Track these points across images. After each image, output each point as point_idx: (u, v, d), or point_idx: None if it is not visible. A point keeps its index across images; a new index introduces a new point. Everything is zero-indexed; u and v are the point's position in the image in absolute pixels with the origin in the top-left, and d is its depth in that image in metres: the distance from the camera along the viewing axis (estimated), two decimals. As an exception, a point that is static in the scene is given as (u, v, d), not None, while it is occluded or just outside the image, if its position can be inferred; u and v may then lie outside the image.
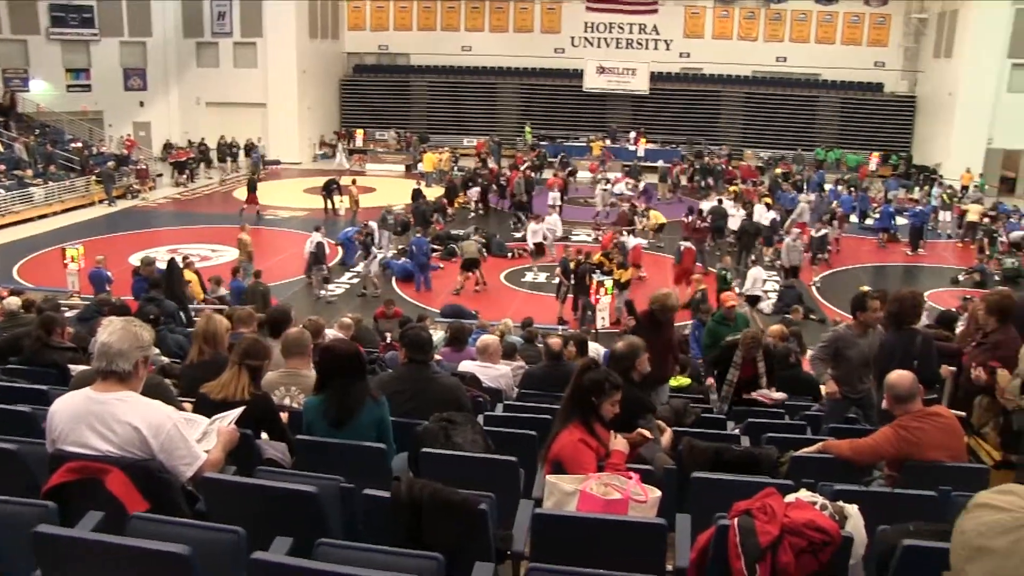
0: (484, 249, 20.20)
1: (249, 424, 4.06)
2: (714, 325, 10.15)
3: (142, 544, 2.70)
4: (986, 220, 23.38)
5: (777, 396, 7.32)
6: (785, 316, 14.70)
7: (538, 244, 19.96)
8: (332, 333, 8.41)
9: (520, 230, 22.76)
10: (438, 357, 7.79)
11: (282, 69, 34.24)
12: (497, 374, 7.33)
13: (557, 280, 17.45)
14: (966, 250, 23.12)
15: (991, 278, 19.31)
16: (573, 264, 16.48)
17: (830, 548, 3.02)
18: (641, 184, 27.75)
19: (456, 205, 26.31)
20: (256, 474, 3.75)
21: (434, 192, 26.85)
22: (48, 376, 6.03)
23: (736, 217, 21.68)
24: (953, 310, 11.86)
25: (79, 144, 29.56)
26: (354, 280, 19.20)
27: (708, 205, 22.72)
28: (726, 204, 22.73)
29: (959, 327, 8.68)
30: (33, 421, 4.34)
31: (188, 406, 4.41)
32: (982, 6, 29.60)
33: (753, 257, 20.17)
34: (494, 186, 27.00)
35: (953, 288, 19.00)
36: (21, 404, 4.63)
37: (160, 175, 31.32)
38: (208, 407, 4.14)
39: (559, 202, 24.29)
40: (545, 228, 20.35)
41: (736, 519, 3.06)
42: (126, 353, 3.21)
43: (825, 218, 22.52)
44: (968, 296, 14.99)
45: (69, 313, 10.41)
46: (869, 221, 25.38)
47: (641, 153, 34.16)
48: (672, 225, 22.57)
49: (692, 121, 36.41)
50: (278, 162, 34.27)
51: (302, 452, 4.31)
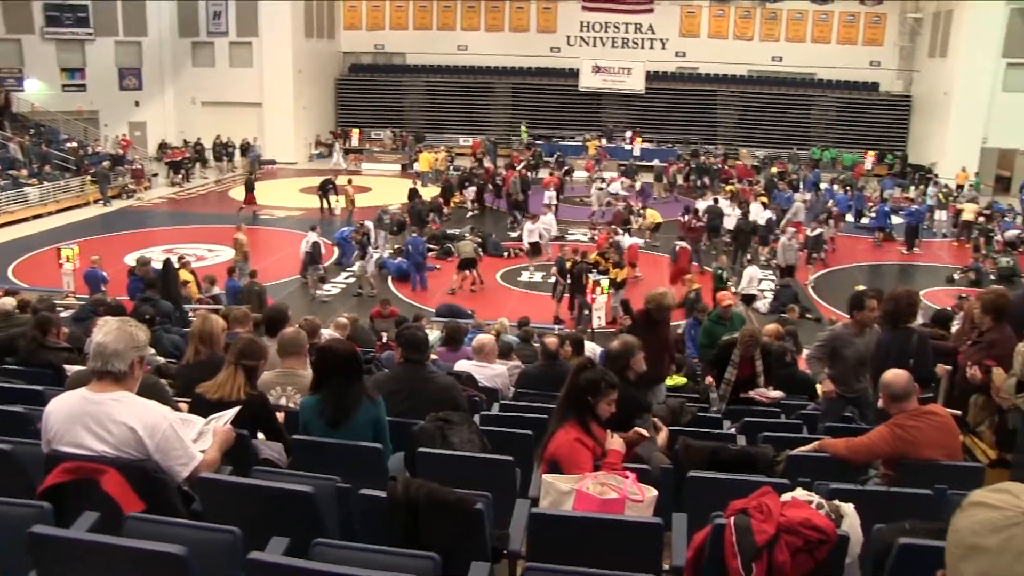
0: (480, 249, 20.19)
1: (245, 424, 4.06)
2: (710, 324, 10.19)
3: (138, 544, 2.70)
4: (981, 219, 23.43)
5: (774, 395, 7.31)
6: (781, 315, 14.74)
7: (534, 243, 19.95)
8: (328, 333, 8.41)
9: (516, 229, 22.76)
10: (434, 357, 7.80)
11: (278, 69, 34.20)
12: (493, 373, 7.32)
13: (553, 279, 17.46)
14: (961, 249, 23.16)
15: (986, 277, 19.34)
16: (569, 264, 16.48)
17: (826, 547, 3.03)
18: (637, 184, 27.78)
19: (452, 205, 26.28)
20: (252, 474, 3.74)
21: (430, 191, 26.82)
22: (43, 376, 6.01)
23: (732, 216, 21.71)
24: (949, 309, 11.90)
25: (74, 144, 29.48)
26: (350, 280, 19.18)
27: (704, 204, 22.74)
28: (722, 203, 22.75)
29: (955, 326, 8.69)
30: (28, 421, 4.33)
31: (184, 406, 4.41)
32: (977, 6, 29.63)
33: (749, 256, 20.20)
34: (490, 185, 26.95)
35: (948, 287, 19.04)
36: (16, 404, 4.62)
37: (156, 175, 31.25)
38: (204, 407, 4.14)
39: (555, 201, 24.29)
40: (541, 227, 20.34)
41: (732, 518, 3.06)
42: (122, 353, 3.21)
43: (822, 217, 22.55)
44: (963, 295, 15.03)
45: (64, 313, 10.39)
46: (865, 220, 25.40)
47: (637, 152, 34.16)
48: (668, 224, 22.58)
49: (688, 120, 36.40)
50: (274, 162, 34.20)
51: (298, 452, 4.31)
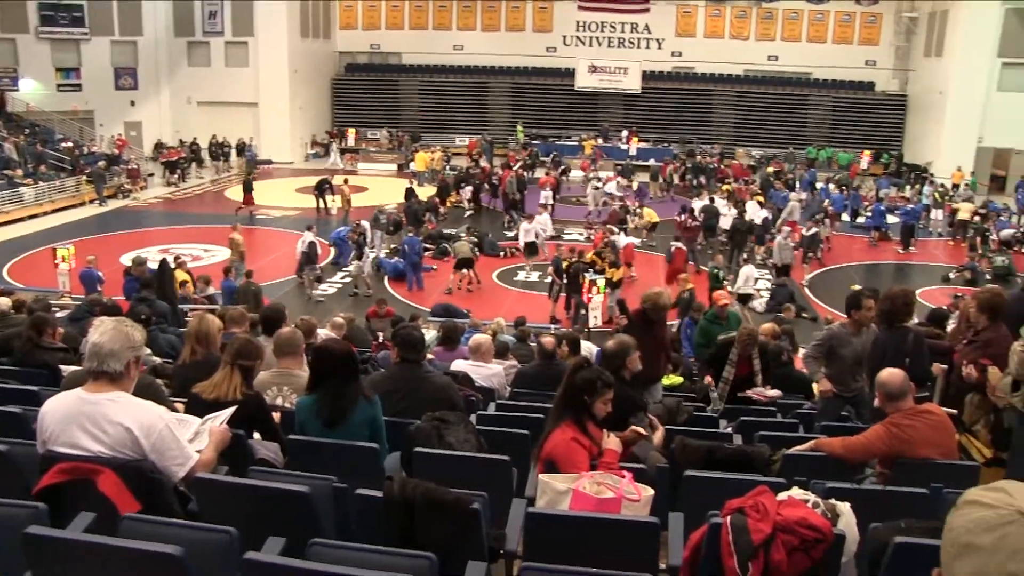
0: (476, 248, 20.18)
1: (241, 424, 4.06)
2: (706, 324, 10.20)
3: (134, 545, 2.69)
4: (977, 218, 23.49)
5: (772, 394, 7.32)
6: (777, 314, 14.73)
7: (530, 243, 19.93)
8: (324, 333, 8.40)
9: (513, 229, 22.75)
10: (430, 356, 7.79)
11: (273, 68, 34.18)
12: (490, 373, 7.32)
13: (549, 279, 17.46)
14: (957, 248, 23.21)
15: (982, 276, 19.37)
16: (566, 263, 16.47)
17: (822, 546, 3.03)
18: (635, 184, 27.79)
19: (449, 204, 26.28)
20: (249, 474, 3.74)
21: (426, 191, 26.81)
22: (39, 377, 5.99)
23: (728, 216, 21.72)
24: (944, 308, 11.91)
25: (70, 144, 29.41)
26: (346, 280, 19.16)
27: (700, 204, 22.75)
28: (718, 203, 22.76)
29: (950, 325, 8.71)
30: (24, 422, 4.31)
31: (180, 406, 4.40)
32: (972, 6, 29.70)
33: (745, 255, 20.22)
34: (486, 185, 26.96)
35: (944, 286, 19.08)
36: (12, 405, 4.60)
37: (151, 175, 31.19)
38: (200, 407, 4.13)
39: (551, 201, 24.30)
40: (537, 227, 20.34)
41: (729, 517, 3.06)
42: (117, 353, 3.20)
43: (818, 217, 22.58)
44: (959, 294, 15.06)
45: (60, 313, 10.36)
46: (860, 219, 25.44)
47: (633, 152, 34.20)
48: (665, 224, 22.60)
49: (684, 120, 36.42)
50: (270, 161, 34.17)
51: (295, 452, 4.30)
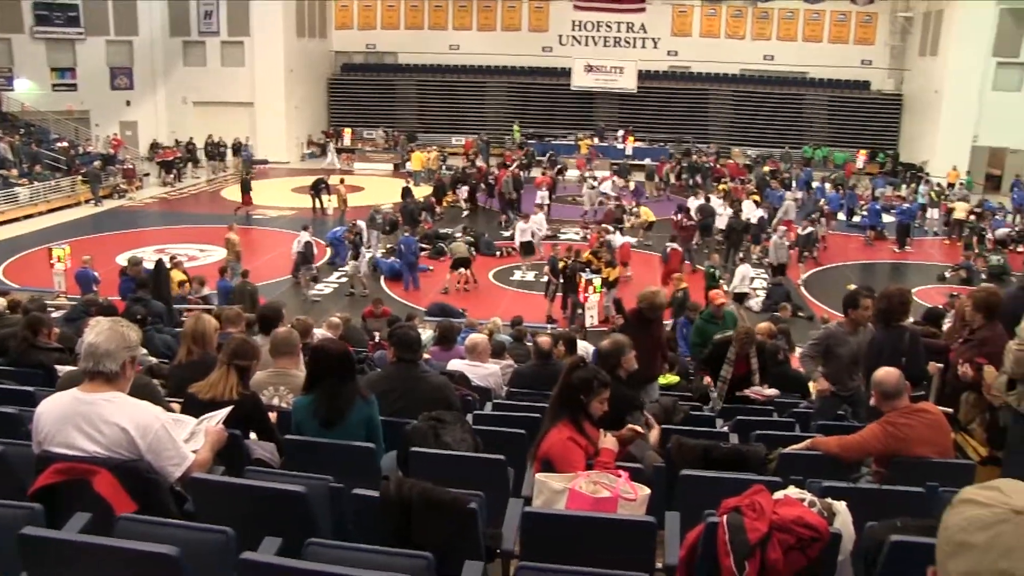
0: (473, 248, 20.16)
1: (238, 424, 4.05)
2: (703, 323, 10.19)
3: (130, 545, 2.69)
4: (972, 217, 23.54)
5: (769, 392, 7.32)
6: (773, 314, 14.74)
7: (527, 243, 19.93)
8: (320, 333, 8.39)
9: (509, 228, 22.75)
10: (427, 356, 7.78)
11: (269, 68, 34.12)
12: (486, 373, 7.31)
13: (546, 279, 17.45)
14: (952, 247, 23.26)
15: (977, 275, 19.42)
16: (562, 263, 16.47)
17: (818, 544, 3.03)
18: (631, 183, 27.79)
19: (445, 204, 26.27)
20: (245, 474, 3.73)
21: (422, 191, 26.79)
22: (34, 377, 5.97)
23: (724, 215, 21.74)
24: (940, 307, 11.94)
25: (65, 144, 29.36)
26: (342, 280, 19.15)
27: (696, 203, 22.76)
28: (714, 202, 22.77)
29: (946, 324, 8.72)
30: (19, 422, 4.30)
31: (176, 406, 4.40)
32: (967, 5, 29.76)
33: (741, 255, 20.24)
34: (482, 185, 26.94)
35: (940, 285, 19.14)
36: (7, 405, 4.59)
37: (147, 175, 31.14)
38: (196, 407, 4.12)
39: (547, 201, 24.27)
40: (533, 226, 20.34)
41: (725, 516, 3.06)
42: (113, 354, 3.19)
43: (814, 216, 22.61)
44: (955, 293, 15.10)
45: (56, 314, 10.34)
46: (856, 219, 25.50)
47: (629, 151, 34.22)
48: (662, 223, 22.60)
49: (680, 119, 36.47)
50: (266, 161, 34.12)
51: (291, 452, 4.30)
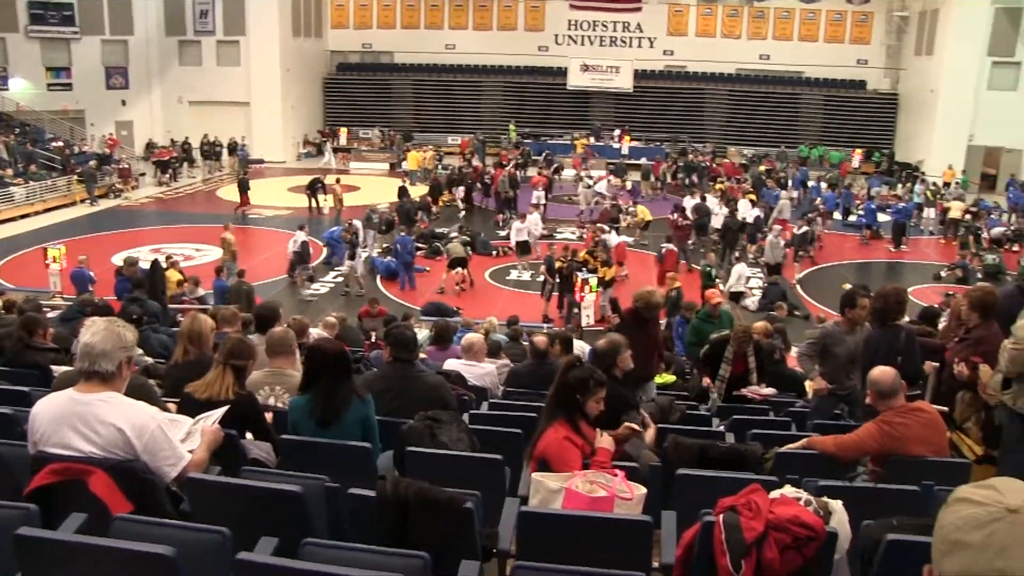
0: (468, 247, 20.16)
1: (234, 424, 4.04)
2: (699, 322, 10.22)
3: (126, 545, 2.68)
4: (968, 217, 23.58)
5: (767, 391, 7.33)
6: (770, 313, 14.77)
7: (523, 242, 19.92)
8: (316, 332, 8.39)
9: (505, 228, 22.75)
10: (423, 356, 7.78)
11: (265, 67, 34.05)
12: (482, 372, 7.31)
13: (542, 278, 17.45)
14: (948, 246, 23.29)
15: (973, 274, 19.45)
16: (559, 262, 16.47)
17: (815, 543, 3.03)
18: (627, 183, 27.79)
19: (441, 203, 26.25)
20: (241, 474, 3.73)
21: (419, 190, 26.77)
22: (30, 377, 5.97)
23: (720, 215, 21.75)
24: (936, 306, 11.97)
25: (60, 143, 29.27)
26: (338, 279, 19.14)
27: (692, 202, 22.77)
28: (710, 201, 22.79)
29: (942, 323, 8.74)
30: (15, 423, 4.29)
31: (172, 406, 4.39)
32: (962, 5, 29.82)
33: (737, 254, 20.26)
34: (478, 184, 26.92)
35: (935, 284, 19.18)
36: (3, 406, 4.58)
37: (143, 174, 31.06)
38: (192, 407, 4.12)
39: (543, 201, 24.27)
40: (529, 226, 20.34)
41: (721, 515, 3.06)
42: (109, 354, 3.19)
43: (810, 215, 22.64)
44: (950, 292, 15.14)
45: (51, 314, 10.34)
46: (852, 218, 25.53)
47: (625, 151, 34.18)
48: (658, 222, 22.60)
49: (676, 118, 36.46)
50: (262, 161, 34.07)
51: (287, 452, 4.30)
